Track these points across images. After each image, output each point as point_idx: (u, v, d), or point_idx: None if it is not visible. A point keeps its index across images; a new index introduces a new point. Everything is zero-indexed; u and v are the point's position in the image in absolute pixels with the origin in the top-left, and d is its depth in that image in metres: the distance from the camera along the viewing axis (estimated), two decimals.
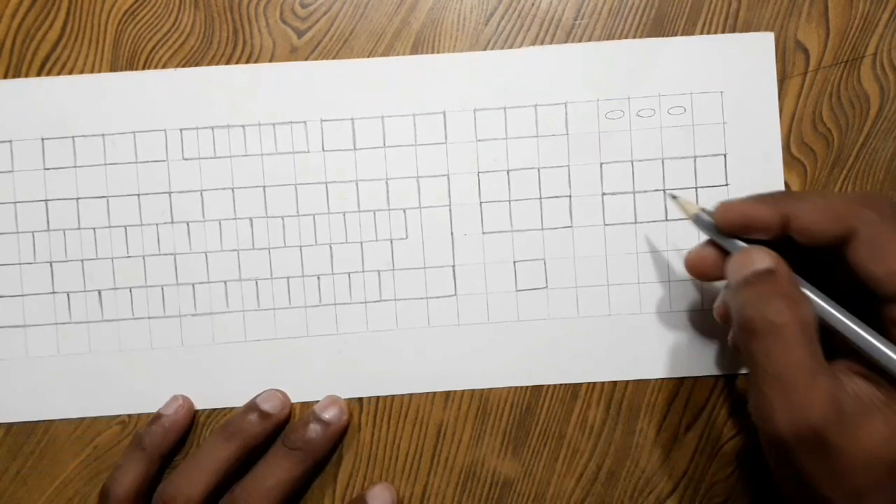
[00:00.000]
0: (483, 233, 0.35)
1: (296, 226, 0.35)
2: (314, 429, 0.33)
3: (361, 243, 0.35)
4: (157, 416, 0.34)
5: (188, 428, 0.35)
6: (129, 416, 0.35)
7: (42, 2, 0.35)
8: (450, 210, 0.35)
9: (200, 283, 0.35)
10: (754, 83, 0.35)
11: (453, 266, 0.35)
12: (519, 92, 0.35)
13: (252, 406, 0.34)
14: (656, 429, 0.35)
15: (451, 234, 0.35)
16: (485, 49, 0.35)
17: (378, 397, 0.35)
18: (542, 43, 0.35)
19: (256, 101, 0.35)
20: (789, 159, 0.35)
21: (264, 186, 0.35)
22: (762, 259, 0.27)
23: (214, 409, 0.35)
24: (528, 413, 0.35)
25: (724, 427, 0.35)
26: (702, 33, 0.35)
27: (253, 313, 0.35)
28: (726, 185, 0.35)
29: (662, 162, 0.35)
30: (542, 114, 0.35)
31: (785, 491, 0.28)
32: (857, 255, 0.27)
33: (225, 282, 0.35)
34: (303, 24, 0.35)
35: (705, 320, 0.35)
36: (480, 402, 0.35)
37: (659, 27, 0.35)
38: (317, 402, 0.34)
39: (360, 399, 0.35)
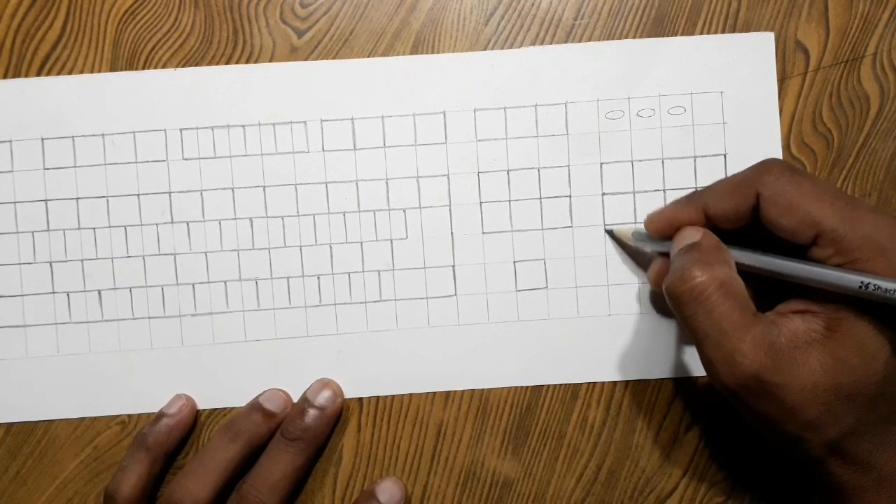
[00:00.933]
0: (483, 233, 0.35)
1: (296, 226, 0.35)
2: (311, 415, 0.33)
3: (361, 243, 0.35)
4: (159, 416, 0.34)
5: (191, 427, 0.35)
6: (129, 416, 0.35)
7: (42, 2, 0.35)
8: (450, 210, 0.35)
9: (200, 283, 0.35)
10: (754, 83, 0.35)
11: (453, 266, 0.35)
12: (519, 92, 0.35)
13: (255, 406, 0.34)
14: (656, 429, 0.35)
15: (452, 234, 0.35)
16: (485, 49, 0.35)
17: (378, 397, 0.35)
18: (542, 43, 0.35)
19: (256, 100, 0.35)
20: (789, 159, 0.35)
21: (264, 186, 0.35)
22: (691, 234, 0.30)
23: (215, 409, 0.35)
24: (528, 413, 0.35)
25: (724, 427, 0.35)
26: (702, 33, 0.35)
27: (253, 313, 0.35)
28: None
29: (662, 162, 0.35)
30: (542, 114, 0.35)
31: (758, 433, 0.30)
32: (767, 216, 0.29)
33: (225, 282, 0.35)
34: (303, 24, 0.35)
35: None
36: (480, 402, 0.35)
37: (659, 27, 0.35)
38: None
39: (360, 399, 0.35)
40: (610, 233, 0.34)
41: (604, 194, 0.35)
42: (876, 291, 0.27)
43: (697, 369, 0.35)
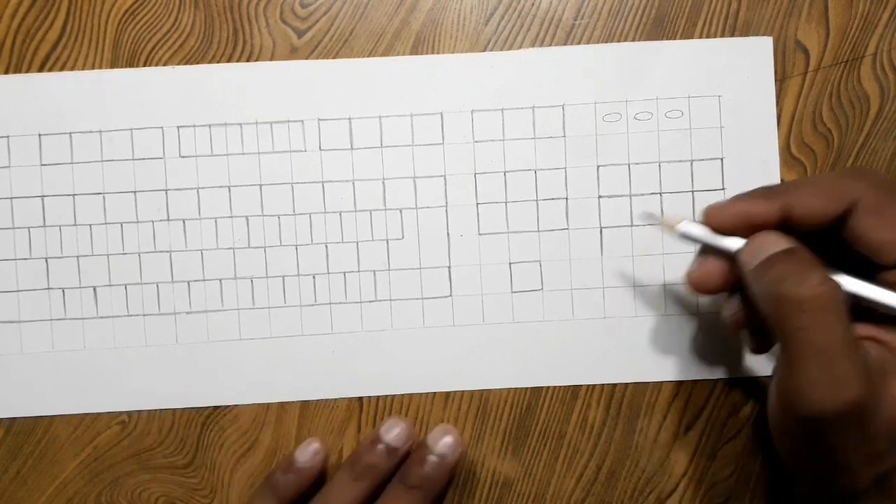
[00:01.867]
0: (479, 234, 0.35)
1: (292, 225, 0.35)
2: (431, 463, 0.32)
3: (357, 243, 0.35)
4: (291, 462, 0.33)
5: (322, 476, 0.33)
6: (129, 416, 0.35)
7: (42, 2, 0.35)
8: (446, 211, 0.35)
9: (196, 280, 0.35)
10: (752, 87, 0.35)
11: (449, 267, 0.35)
12: (517, 93, 0.35)
13: (379, 440, 0.32)
14: (656, 429, 0.35)
15: (448, 234, 0.35)
16: (485, 49, 0.35)
17: (378, 397, 0.35)
18: (542, 43, 0.35)
19: (254, 99, 0.35)
20: (789, 159, 0.35)
21: (261, 185, 0.35)
22: (779, 241, 0.27)
23: (216, 408, 0.35)
24: (528, 413, 0.35)
25: (724, 427, 0.35)
26: (702, 33, 0.35)
27: (248, 312, 0.35)
28: (723, 189, 0.35)
29: (659, 165, 0.35)
30: (540, 116, 0.35)
31: (790, 465, 0.28)
32: (859, 227, 0.27)
33: (220, 280, 0.35)
34: (303, 24, 0.35)
35: (702, 324, 0.35)
36: (480, 402, 0.35)
37: (659, 27, 0.35)
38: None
39: (360, 399, 0.35)
40: (649, 216, 0.32)
41: (600, 197, 0.35)
42: None
43: (694, 373, 0.35)
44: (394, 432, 0.32)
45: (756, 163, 0.35)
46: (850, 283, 0.27)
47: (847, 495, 0.27)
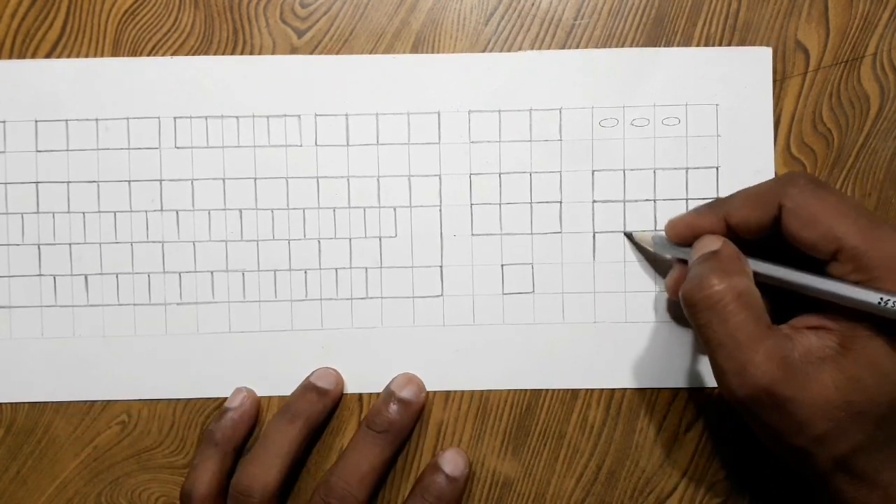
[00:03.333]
0: (472, 234, 0.35)
1: (285, 219, 0.35)
2: (396, 409, 0.33)
3: (350, 239, 0.35)
4: (224, 411, 0.34)
5: (256, 418, 0.35)
6: (129, 416, 0.35)
7: (42, 2, 0.35)
8: (440, 210, 0.35)
9: (187, 272, 0.35)
10: (750, 97, 0.35)
11: (441, 266, 0.35)
12: (514, 95, 0.35)
13: (308, 385, 0.34)
14: (656, 429, 0.35)
15: (441, 234, 0.35)
16: (485, 49, 0.35)
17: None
18: (542, 43, 0.35)
19: (251, 92, 0.35)
20: (789, 159, 0.35)
21: (255, 178, 0.35)
22: (711, 242, 0.30)
23: (198, 399, 0.35)
24: (528, 413, 0.35)
25: (724, 427, 0.35)
26: (702, 33, 0.35)
27: (238, 305, 0.35)
28: (717, 197, 0.35)
29: (654, 172, 0.35)
30: (537, 118, 0.35)
31: (765, 444, 0.30)
32: (789, 228, 0.29)
33: (211, 272, 0.35)
34: (303, 24, 0.35)
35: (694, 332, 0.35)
36: (480, 403, 0.35)
37: (659, 27, 0.35)
38: None
39: (360, 398, 0.35)
40: (629, 236, 0.34)
41: (594, 202, 0.35)
42: (895, 308, 0.27)
43: (684, 380, 0.35)
44: (325, 379, 0.34)
45: (751, 172, 0.35)
46: (772, 271, 0.30)
47: (816, 476, 0.29)
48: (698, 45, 0.35)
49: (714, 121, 0.35)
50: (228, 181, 0.35)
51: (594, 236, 0.35)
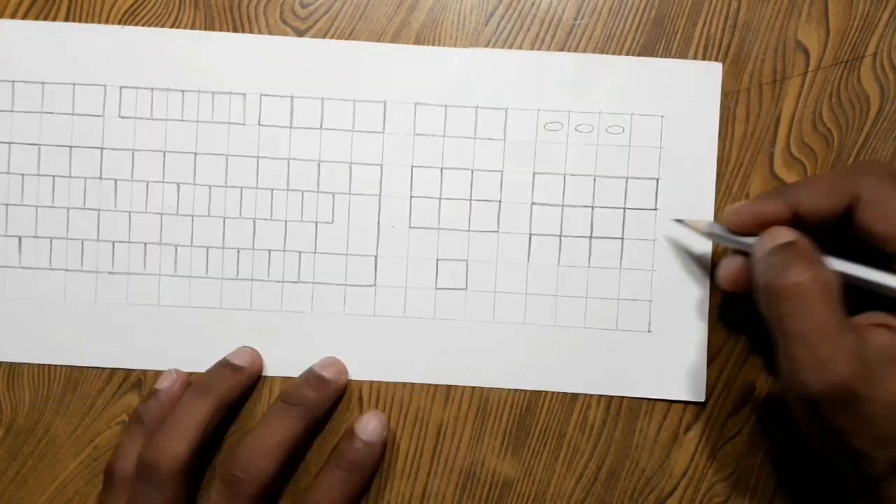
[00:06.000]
0: (410, 227, 0.35)
1: (222, 197, 0.35)
2: (313, 385, 0.33)
3: (286, 222, 0.35)
4: (153, 392, 0.34)
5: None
6: (128, 416, 0.35)
7: (42, 2, 0.35)
8: (379, 200, 0.35)
9: (120, 241, 0.35)
10: (697, 111, 0.35)
11: (376, 256, 0.35)
12: (462, 92, 0.35)
13: (223, 362, 0.34)
14: (656, 429, 0.35)
15: (378, 224, 0.35)
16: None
17: (379, 396, 0.35)
18: (542, 43, 0.35)
19: (199, 67, 0.35)
20: (789, 159, 0.35)
21: (196, 153, 0.35)
22: (784, 234, 0.29)
23: (132, 370, 0.35)
24: (528, 413, 0.35)
25: (723, 427, 0.35)
26: (702, 33, 0.35)
27: (168, 278, 0.35)
28: (655, 209, 0.35)
29: (594, 179, 0.35)
30: (483, 116, 0.35)
31: (814, 445, 0.29)
32: (863, 219, 0.28)
33: (144, 244, 0.35)
34: (303, 24, 0.35)
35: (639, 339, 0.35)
36: (480, 402, 0.35)
37: (659, 27, 0.35)
38: None
39: (360, 397, 0.35)
40: (681, 222, 0.34)
41: (533, 203, 0.35)
42: None
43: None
44: (240, 358, 0.34)
45: (691, 185, 0.35)
46: (847, 268, 0.29)
47: (867, 479, 0.28)
48: (698, 44, 0.35)
49: (658, 132, 0.35)
50: (169, 154, 0.35)
51: (530, 238, 0.35)
